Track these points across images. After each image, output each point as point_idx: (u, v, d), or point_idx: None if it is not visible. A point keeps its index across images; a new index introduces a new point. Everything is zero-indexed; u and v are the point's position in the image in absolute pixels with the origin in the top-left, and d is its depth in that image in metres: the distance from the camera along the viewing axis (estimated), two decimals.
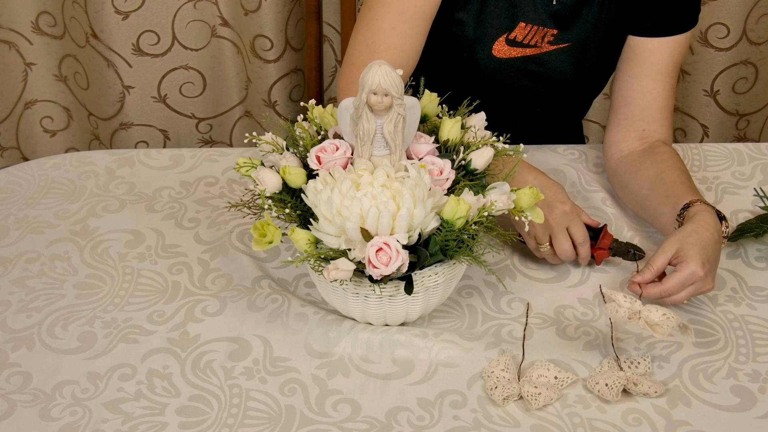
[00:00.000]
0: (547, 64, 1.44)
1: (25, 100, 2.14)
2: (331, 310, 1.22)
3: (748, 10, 2.07)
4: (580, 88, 1.52)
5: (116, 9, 1.99)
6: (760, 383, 1.13)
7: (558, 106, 1.56)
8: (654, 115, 1.44)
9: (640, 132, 1.44)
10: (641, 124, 1.44)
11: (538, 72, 1.45)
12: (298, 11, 2.06)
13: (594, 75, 1.51)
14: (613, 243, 1.30)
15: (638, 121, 1.45)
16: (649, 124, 1.44)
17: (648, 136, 1.44)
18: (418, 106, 1.13)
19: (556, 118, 1.61)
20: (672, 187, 1.33)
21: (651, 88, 1.44)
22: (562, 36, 1.42)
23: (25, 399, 1.11)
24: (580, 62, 1.45)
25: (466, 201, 1.08)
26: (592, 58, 1.46)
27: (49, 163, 1.53)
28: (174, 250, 1.34)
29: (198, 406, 1.10)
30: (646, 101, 1.44)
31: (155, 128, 2.18)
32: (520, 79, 1.46)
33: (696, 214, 1.26)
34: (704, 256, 1.20)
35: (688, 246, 1.21)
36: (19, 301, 1.26)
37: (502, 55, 1.42)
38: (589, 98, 1.61)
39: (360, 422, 1.08)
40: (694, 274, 1.19)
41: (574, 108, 1.62)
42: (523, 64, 1.44)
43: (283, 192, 1.15)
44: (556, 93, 1.49)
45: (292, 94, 2.14)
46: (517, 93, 1.48)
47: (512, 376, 1.12)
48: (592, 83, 1.54)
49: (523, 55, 1.43)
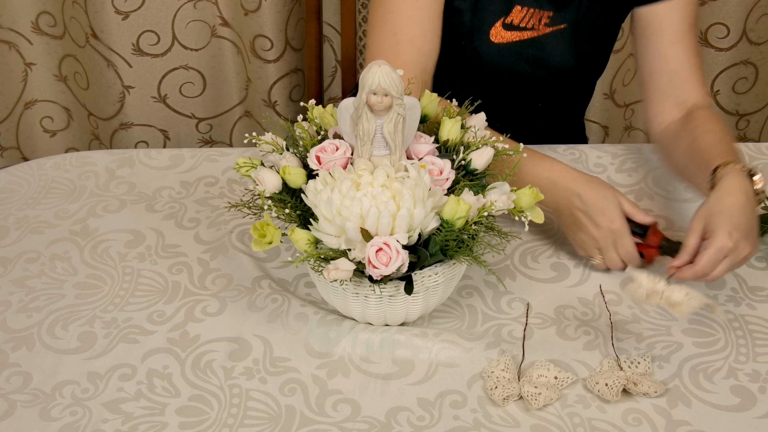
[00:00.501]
0: (545, 48, 1.44)
1: (25, 100, 2.15)
2: (331, 310, 1.22)
3: (748, 10, 2.07)
4: (578, 73, 1.52)
5: (116, 9, 1.99)
6: (760, 383, 1.13)
7: (558, 96, 1.55)
8: (684, 79, 1.43)
9: (675, 100, 1.43)
10: (674, 92, 1.43)
11: (536, 56, 1.45)
12: (298, 11, 2.06)
13: (591, 57, 1.51)
14: (663, 241, 1.26)
15: (669, 90, 1.43)
16: (681, 90, 1.43)
17: (684, 102, 1.43)
18: (418, 106, 1.13)
19: (558, 112, 1.61)
20: (704, 153, 1.30)
21: (672, 53, 1.42)
22: (557, 17, 1.43)
23: (25, 399, 1.11)
24: (576, 44, 1.45)
25: (466, 201, 1.08)
26: (588, 40, 1.46)
27: (49, 163, 1.53)
28: (174, 250, 1.34)
29: (198, 406, 1.10)
30: (672, 68, 1.42)
31: (155, 128, 2.18)
32: (519, 64, 1.45)
33: (721, 179, 1.22)
34: (731, 224, 1.16)
35: (713, 219, 1.18)
36: (19, 301, 1.26)
37: (499, 40, 1.42)
38: (588, 86, 1.61)
39: (360, 422, 1.08)
40: (722, 247, 1.16)
41: (574, 98, 1.62)
42: (521, 48, 1.44)
43: (283, 192, 1.14)
44: (555, 80, 1.49)
45: (292, 94, 2.14)
46: (517, 82, 1.48)
47: (512, 376, 1.12)
48: (590, 67, 1.54)
49: (521, 39, 1.42)
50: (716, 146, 1.31)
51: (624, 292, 1.21)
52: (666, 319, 1.22)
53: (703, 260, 1.16)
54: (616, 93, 2.21)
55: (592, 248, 1.27)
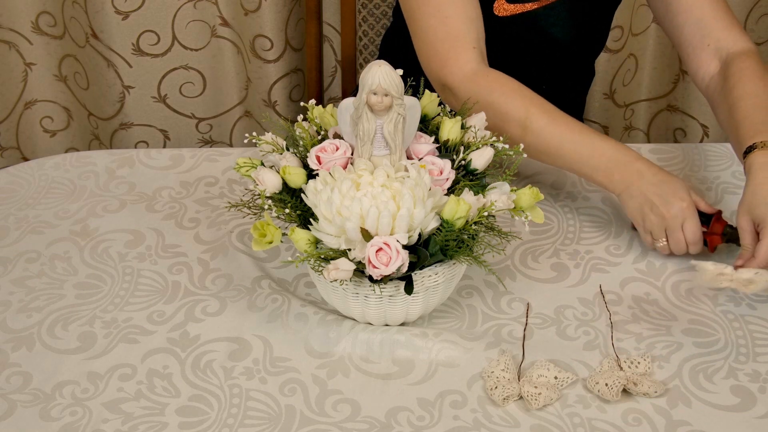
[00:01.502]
0: (547, 19, 1.44)
1: (25, 100, 2.15)
2: (331, 310, 1.22)
3: (748, 10, 2.07)
4: (580, 46, 1.51)
5: (116, 9, 1.99)
6: (760, 383, 1.13)
7: (560, 76, 1.55)
8: (711, 26, 1.40)
9: (709, 50, 1.40)
10: (705, 41, 1.40)
11: (538, 28, 1.44)
12: (298, 11, 2.06)
13: (592, 28, 1.50)
14: (727, 228, 1.27)
15: (700, 39, 1.40)
16: (712, 38, 1.40)
17: (719, 51, 1.40)
18: (418, 106, 1.13)
19: (561, 93, 1.61)
20: (739, 127, 1.29)
21: (692, 1, 1.40)
22: None
23: (25, 399, 1.11)
24: (574, 15, 1.45)
25: (466, 201, 1.08)
26: (588, 7, 1.46)
27: (49, 163, 1.53)
28: (174, 250, 1.34)
29: (198, 406, 1.10)
30: (697, 16, 1.40)
31: (155, 128, 2.18)
32: (523, 35, 1.44)
33: (752, 167, 1.23)
34: None
35: (757, 211, 1.19)
36: (19, 301, 1.26)
37: (502, 13, 1.41)
38: (587, 65, 1.60)
39: (360, 422, 1.08)
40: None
41: (575, 78, 1.62)
42: (524, 20, 1.43)
43: (283, 192, 1.15)
44: (555, 54, 1.49)
45: (292, 94, 2.14)
46: (520, 58, 1.48)
47: (512, 376, 1.12)
48: (591, 38, 1.53)
49: (523, 11, 1.42)
50: (750, 118, 1.28)
51: (692, 278, 1.22)
52: (666, 319, 1.22)
53: (762, 252, 1.17)
54: (616, 93, 2.21)
55: (661, 229, 1.26)
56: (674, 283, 1.28)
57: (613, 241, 1.36)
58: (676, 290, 1.27)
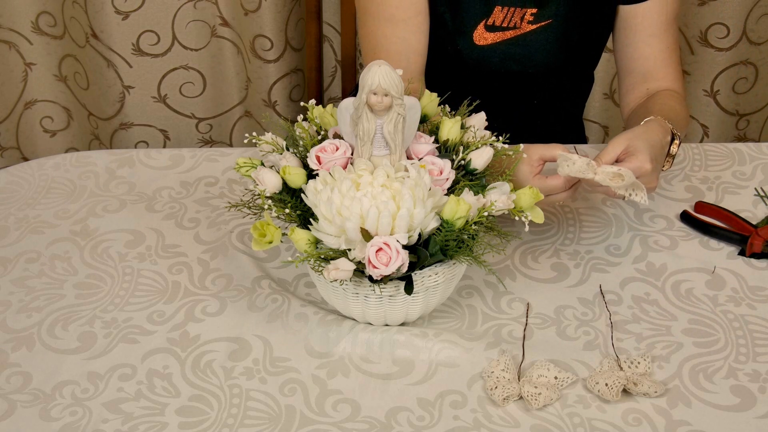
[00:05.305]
0: (530, 45, 1.45)
1: (25, 100, 2.15)
2: (331, 310, 1.22)
3: (748, 10, 2.07)
4: (568, 68, 1.53)
5: (116, 9, 2.00)
6: (760, 383, 1.13)
7: (553, 92, 1.56)
8: (656, 75, 1.48)
9: (645, 90, 1.49)
10: (646, 84, 1.49)
11: (521, 54, 1.46)
12: (298, 11, 2.06)
13: (581, 52, 1.52)
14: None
15: (642, 83, 1.49)
16: (652, 81, 1.49)
17: (651, 90, 1.48)
18: (418, 106, 1.13)
19: (555, 107, 1.61)
20: (648, 111, 1.36)
21: (648, 53, 1.48)
22: (542, 13, 1.44)
23: (25, 399, 1.11)
24: (564, 39, 1.46)
25: (466, 201, 1.08)
26: (577, 34, 1.47)
27: (49, 163, 1.53)
28: (174, 250, 1.34)
29: (198, 406, 1.10)
30: (646, 67, 1.48)
31: (155, 128, 2.18)
32: (506, 63, 1.46)
33: (648, 121, 1.29)
34: (652, 153, 1.22)
35: (637, 142, 1.22)
36: (19, 301, 1.26)
37: (483, 43, 1.44)
38: (584, 80, 1.62)
39: (360, 422, 1.08)
40: (641, 167, 1.20)
41: (570, 93, 1.63)
42: (506, 48, 1.45)
43: (283, 192, 1.15)
44: (544, 75, 1.50)
45: (292, 94, 2.14)
46: (506, 81, 1.49)
47: (512, 376, 1.12)
48: (580, 61, 1.55)
49: (503, 39, 1.44)
50: (660, 112, 1.35)
51: (558, 168, 1.22)
52: (666, 319, 1.22)
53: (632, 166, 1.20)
54: (616, 93, 2.21)
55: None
56: (674, 283, 1.28)
57: (613, 241, 1.36)
58: (676, 290, 1.27)
